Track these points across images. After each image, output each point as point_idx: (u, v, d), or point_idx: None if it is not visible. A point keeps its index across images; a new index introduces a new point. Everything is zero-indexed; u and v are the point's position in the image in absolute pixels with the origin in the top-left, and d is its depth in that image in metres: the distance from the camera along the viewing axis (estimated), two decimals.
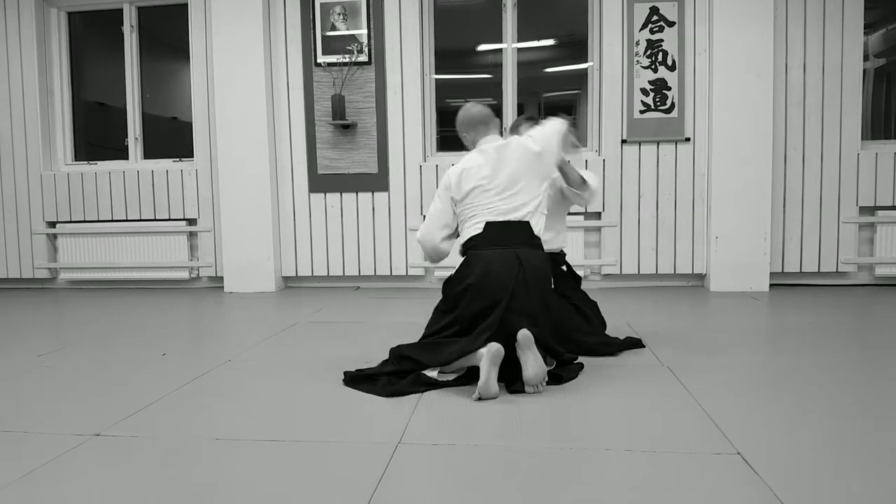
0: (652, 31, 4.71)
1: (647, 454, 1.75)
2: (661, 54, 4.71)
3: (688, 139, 4.72)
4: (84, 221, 5.33)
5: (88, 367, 2.86)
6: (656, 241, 4.78)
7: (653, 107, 4.73)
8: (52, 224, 5.40)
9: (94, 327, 3.77)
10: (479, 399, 2.23)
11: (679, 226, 4.76)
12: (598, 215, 4.83)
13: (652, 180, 4.76)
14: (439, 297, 2.66)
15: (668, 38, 4.70)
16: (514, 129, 2.96)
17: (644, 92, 4.72)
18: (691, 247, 4.76)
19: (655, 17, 4.70)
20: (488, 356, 2.22)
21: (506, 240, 2.43)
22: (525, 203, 2.48)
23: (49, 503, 1.57)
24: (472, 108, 2.69)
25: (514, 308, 2.34)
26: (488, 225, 2.45)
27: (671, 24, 4.69)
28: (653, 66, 4.72)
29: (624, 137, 4.75)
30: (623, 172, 4.77)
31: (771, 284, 4.69)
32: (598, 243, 4.86)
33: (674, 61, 4.70)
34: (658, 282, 4.88)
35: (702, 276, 4.83)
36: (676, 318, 3.73)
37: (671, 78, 4.71)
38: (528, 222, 2.47)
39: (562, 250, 3.07)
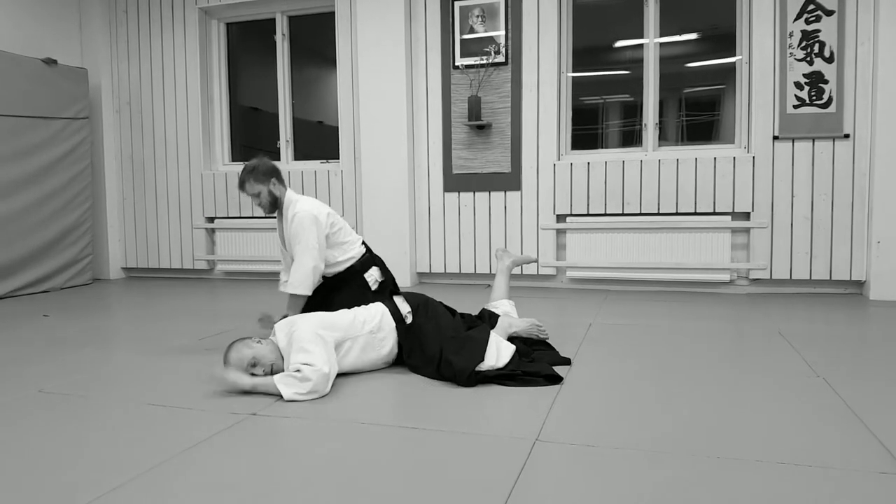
0: (808, 21, 4.42)
1: (802, 468, 1.65)
2: (817, 45, 4.41)
3: (847, 136, 4.40)
4: (239, 217, 5.76)
5: None
6: (811, 244, 4.48)
7: (808, 101, 4.44)
8: (211, 219, 5.88)
9: (247, 315, 4.04)
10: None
11: (836, 228, 4.44)
12: (746, 216, 4.60)
13: (806, 179, 4.47)
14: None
15: (826, 28, 4.40)
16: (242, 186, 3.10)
17: (798, 86, 4.45)
18: (849, 252, 4.43)
19: (812, 6, 4.41)
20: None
21: None
22: None
23: (212, 471, 1.73)
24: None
25: None
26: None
27: (829, 12, 4.39)
28: (808, 59, 4.43)
29: (776, 134, 4.50)
30: (775, 171, 4.52)
31: None
32: (747, 245, 4.63)
33: (832, 53, 4.39)
34: (812, 288, 4.58)
35: (861, 284, 4.49)
36: (832, 326, 3.50)
37: (829, 70, 4.41)
38: None
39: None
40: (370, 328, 2.60)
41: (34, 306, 4.61)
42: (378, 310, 2.68)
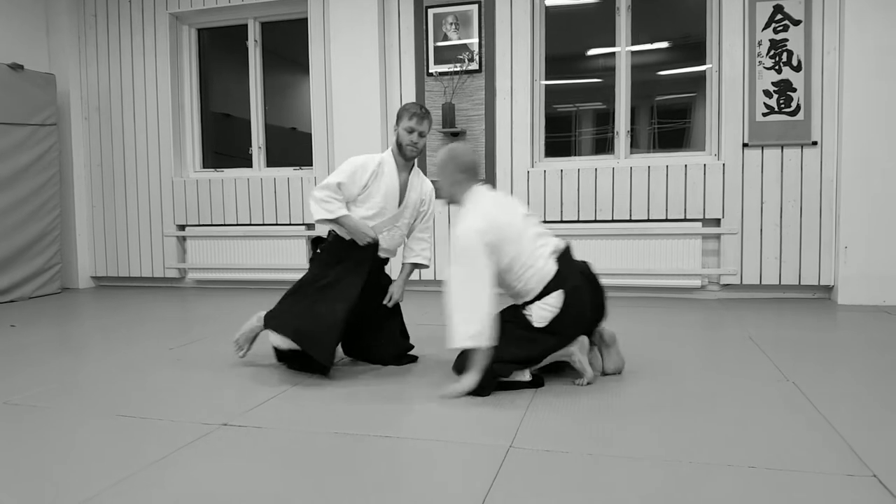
0: (776, 31, 4.50)
1: (772, 472, 1.68)
2: (785, 54, 4.49)
3: (815, 143, 4.48)
4: (210, 225, 5.68)
5: (215, 360, 3.05)
6: (780, 250, 4.55)
7: (777, 109, 4.52)
8: (182, 227, 5.79)
9: (218, 324, 4.01)
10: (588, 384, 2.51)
11: (804, 234, 4.52)
12: (717, 222, 4.66)
13: (776, 186, 4.54)
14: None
15: (794, 38, 4.48)
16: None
17: (767, 94, 4.52)
18: (818, 257, 4.50)
19: (779, 16, 4.49)
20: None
21: None
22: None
23: (181, 485, 1.70)
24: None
25: None
26: None
27: (797, 22, 4.47)
28: (776, 67, 4.51)
29: (745, 141, 4.56)
30: (745, 177, 4.58)
31: None
32: (717, 251, 4.68)
33: (799, 61, 4.47)
34: (781, 293, 4.65)
35: (829, 289, 4.56)
36: (802, 331, 3.55)
37: (796, 79, 4.49)
38: None
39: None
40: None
41: (1, 316, 4.50)
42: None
